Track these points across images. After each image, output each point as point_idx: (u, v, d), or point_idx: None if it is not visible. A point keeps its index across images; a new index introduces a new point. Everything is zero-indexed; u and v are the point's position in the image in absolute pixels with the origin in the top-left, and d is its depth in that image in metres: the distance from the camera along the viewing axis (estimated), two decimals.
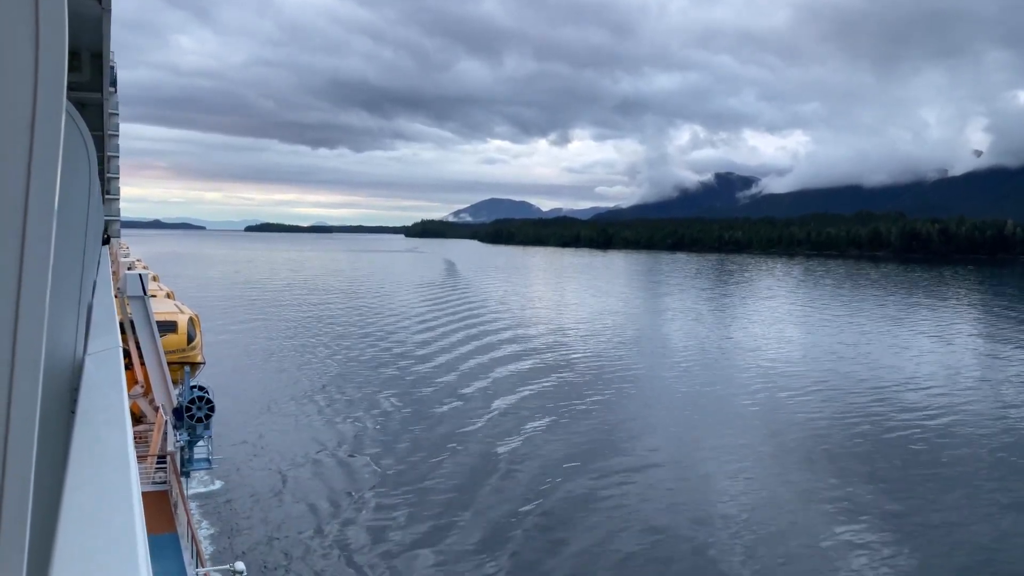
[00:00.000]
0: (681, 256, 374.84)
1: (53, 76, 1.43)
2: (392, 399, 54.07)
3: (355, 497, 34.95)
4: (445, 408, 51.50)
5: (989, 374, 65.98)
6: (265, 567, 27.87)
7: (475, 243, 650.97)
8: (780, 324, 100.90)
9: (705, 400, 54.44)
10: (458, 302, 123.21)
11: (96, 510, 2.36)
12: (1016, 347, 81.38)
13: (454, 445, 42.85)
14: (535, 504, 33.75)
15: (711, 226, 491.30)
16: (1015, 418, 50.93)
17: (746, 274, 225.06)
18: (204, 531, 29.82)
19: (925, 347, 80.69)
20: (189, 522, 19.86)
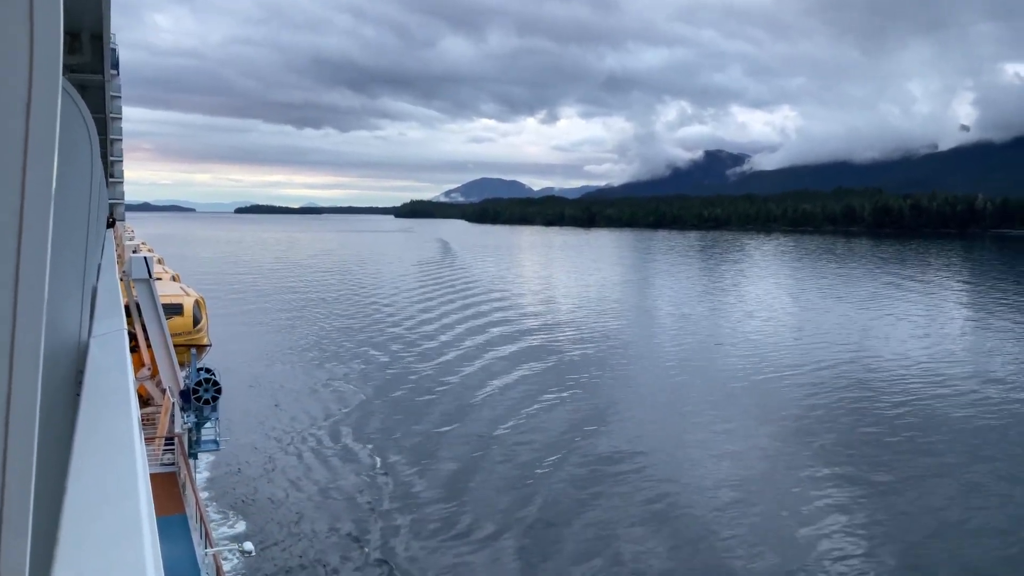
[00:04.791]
0: (662, 233, 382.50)
1: (48, 56, 1.21)
2: (394, 376, 55.42)
3: (361, 475, 35.48)
4: (447, 384, 52.68)
5: (935, 341, 70.40)
6: (274, 546, 28.07)
7: (463, 223, 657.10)
8: (742, 298, 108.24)
9: (685, 376, 55.95)
10: (451, 279, 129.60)
11: (101, 492, 2.27)
12: (955, 315, 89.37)
13: (456, 423, 43.67)
14: (530, 483, 34.14)
15: (692, 203, 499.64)
16: (970, 383, 53.95)
17: (716, 250, 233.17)
18: (213, 512, 29.72)
19: (878, 318, 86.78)
20: (197, 503, 19.85)
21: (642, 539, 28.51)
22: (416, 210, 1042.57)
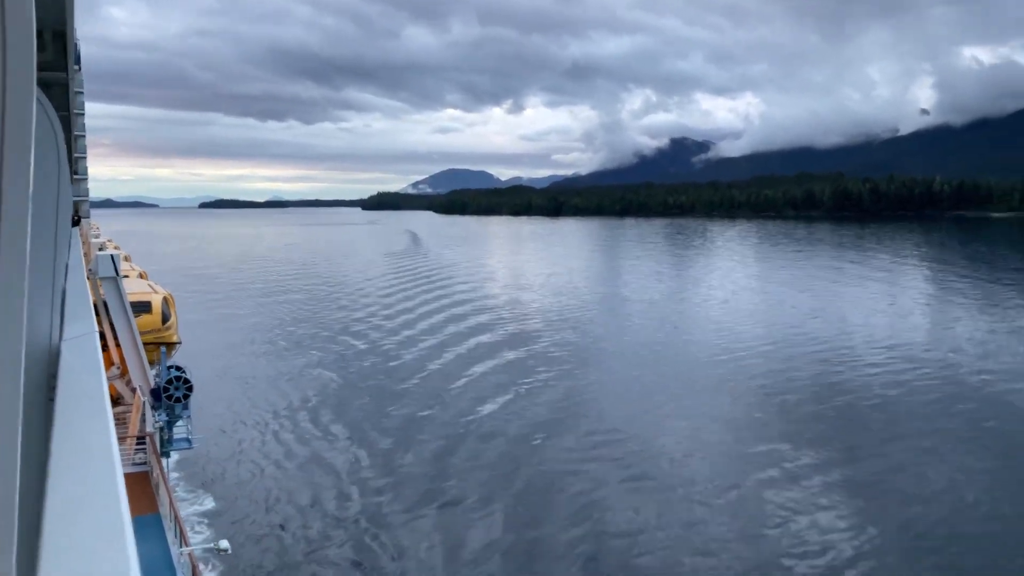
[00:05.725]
0: (629, 221, 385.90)
1: (22, 58, 1.23)
2: (367, 368, 55.96)
3: (335, 468, 35.57)
4: (418, 374, 53.15)
5: (890, 320, 73.43)
6: (249, 543, 28.04)
7: (431, 214, 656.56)
8: (705, 283, 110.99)
9: (653, 360, 57.39)
10: (421, 270, 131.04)
11: (81, 499, 2.22)
12: (910, 295, 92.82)
13: (428, 412, 44.10)
14: (501, 466, 34.68)
15: (657, 191, 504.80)
16: (915, 356, 57.62)
17: (680, 237, 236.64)
18: (187, 510, 29.65)
19: (834, 300, 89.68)
20: (171, 502, 19.61)
21: (614, 524, 29.62)
22: (383, 202, 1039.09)
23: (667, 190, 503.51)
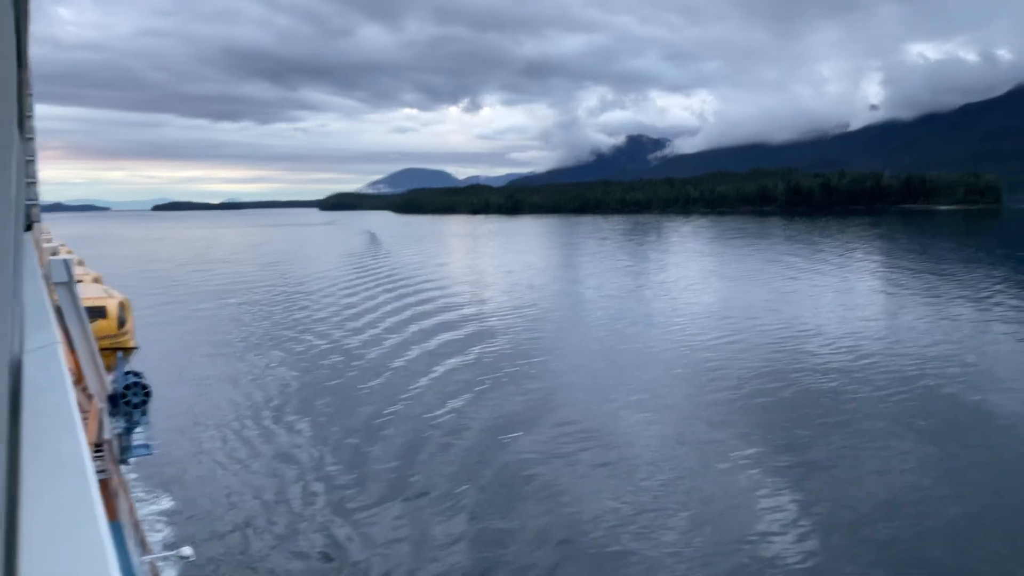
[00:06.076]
0: (586, 218, 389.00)
1: None
2: (328, 367, 56.03)
3: (298, 470, 35.65)
4: (383, 373, 53.18)
5: (839, 311, 75.74)
6: (213, 550, 27.92)
7: (388, 214, 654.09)
8: (659, 278, 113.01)
9: (611, 355, 58.33)
10: (380, 269, 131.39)
11: (57, 510, 2.15)
12: (857, 285, 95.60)
13: (393, 409, 43.76)
14: (471, 465, 34.96)
15: (614, 188, 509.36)
16: (871, 341, 60.25)
17: (636, 233, 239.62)
18: (148, 518, 29.42)
19: (786, 292, 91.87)
20: (132, 510, 19.38)
21: (574, 511, 30.75)
22: (341, 202, 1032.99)
23: (624, 187, 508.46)
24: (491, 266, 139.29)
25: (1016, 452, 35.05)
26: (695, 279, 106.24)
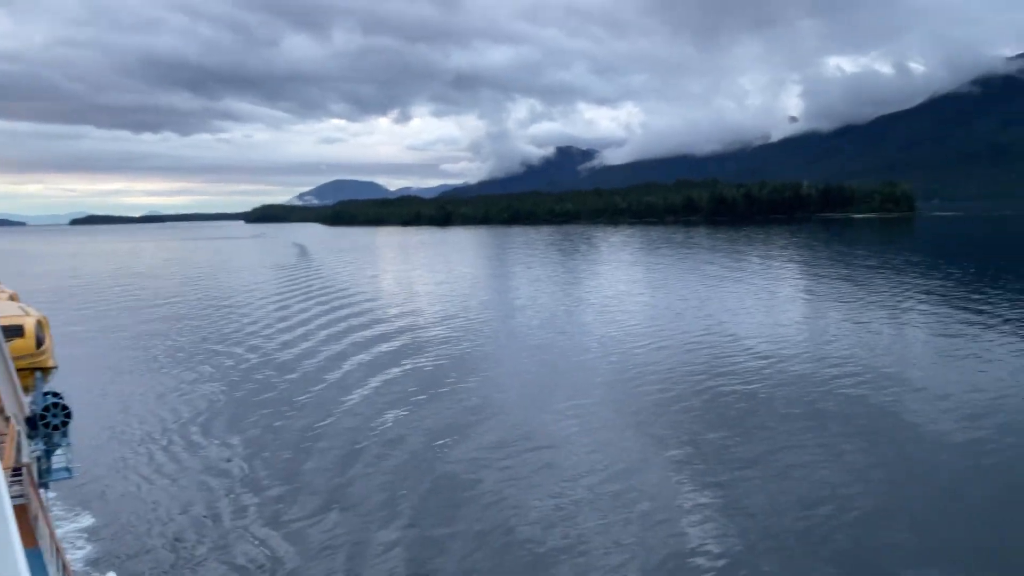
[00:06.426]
0: (516, 229, 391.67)
1: None
2: (258, 380, 55.16)
3: (228, 485, 34.86)
4: (315, 386, 52.67)
5: (760, 317, 77.71)
6: (140, 567, 27.40)
7: (317, 226, 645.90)
8: (587, 287, 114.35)
9: (541, 363, 59.35)
10: (309, 282, 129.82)
11: None
12: (778, 292, 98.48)
13: (326, 422, 43.99)
14: (405, 475, 34.90)
15: (544, 199, 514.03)
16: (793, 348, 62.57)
17: (565, 244, 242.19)
18: (70, 543, 28.40)
19: (708, 300, 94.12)
20: (52, 535, 18.66)
21: (505, 517, 31.26)
22: (267, 214, 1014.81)
23: (553, 198, 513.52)
24: (423, 277, 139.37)
25: (922, 448, 37.06)
26: (623, 288, 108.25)
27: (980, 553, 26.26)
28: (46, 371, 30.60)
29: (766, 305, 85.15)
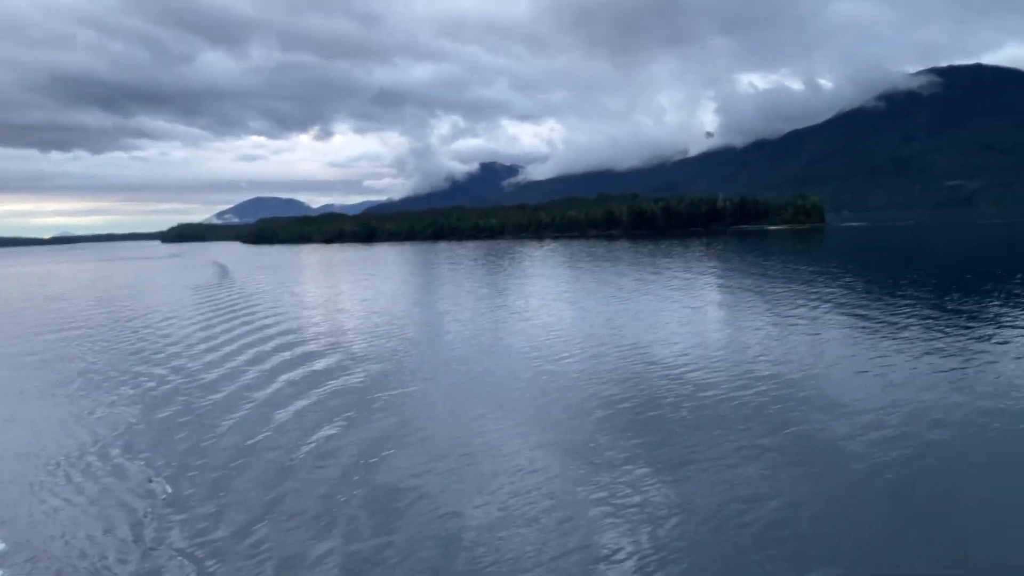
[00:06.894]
0: (441, 244, 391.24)
1: None
2: (180, 403, 53.84)
3: (147, 512, 34.22)
4: (241, 407, 51.58)
5: (676, 326, 79.66)
6: None
7: (238, 245, 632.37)
8: (513, 301, 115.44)
9: (470, 377, 60.28)
10: (233, 302, 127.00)
11: None
12: (695, 301, 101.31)
13: (250, 445, 42.88)
14: (339, 491, 34.94)
15: (469, 215, 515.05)
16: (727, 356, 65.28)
17: (490, 258, 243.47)
18: None
19: (629, 311, 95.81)
20: None
21: (445, 530, 31.77)
22: (185, 234, 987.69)
23: (478, 213, 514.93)
24: (349, 295, 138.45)
25: (829, 449, 39.33)
26: (548, 301, 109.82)
27: (874, 547, 28.26)
28: None
29: (682, 315, 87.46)
